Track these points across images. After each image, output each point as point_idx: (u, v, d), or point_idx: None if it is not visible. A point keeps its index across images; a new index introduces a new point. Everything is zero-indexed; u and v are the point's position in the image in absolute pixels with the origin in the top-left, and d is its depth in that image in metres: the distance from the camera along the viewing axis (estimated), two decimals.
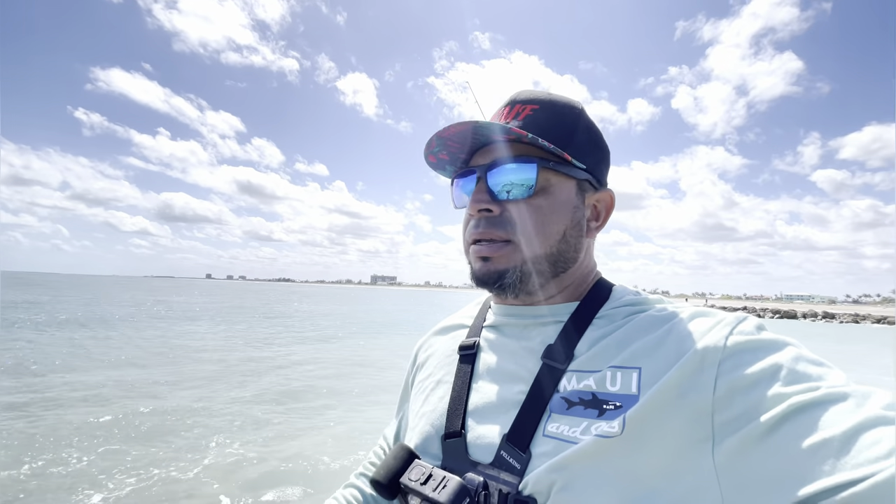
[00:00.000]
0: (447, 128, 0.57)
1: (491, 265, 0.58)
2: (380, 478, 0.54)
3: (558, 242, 0.58)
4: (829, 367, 0.45)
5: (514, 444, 0.51)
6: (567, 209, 0.59)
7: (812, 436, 0.39)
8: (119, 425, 5.67)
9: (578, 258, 0.61)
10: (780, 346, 0.46)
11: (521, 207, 0.57)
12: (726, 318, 0.50)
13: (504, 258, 0.58)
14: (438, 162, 0.65)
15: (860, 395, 0.41)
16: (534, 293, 0.61)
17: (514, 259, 0.58)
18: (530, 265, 0.58)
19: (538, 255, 0.58)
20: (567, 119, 0.60)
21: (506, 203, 0.58)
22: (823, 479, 0.36)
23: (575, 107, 0.61)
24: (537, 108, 0.60)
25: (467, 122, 0.55)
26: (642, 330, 0.53)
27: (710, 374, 0.45)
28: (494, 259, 0.58)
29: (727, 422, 0.43)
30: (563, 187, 0.59)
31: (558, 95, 0.62)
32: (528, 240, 0.57)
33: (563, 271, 0.60)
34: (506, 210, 0.58)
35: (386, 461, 0.56)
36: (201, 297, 46.96)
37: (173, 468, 4.44)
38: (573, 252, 0.60)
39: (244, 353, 11.81)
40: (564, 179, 0.59)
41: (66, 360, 9.72)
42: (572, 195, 0.59)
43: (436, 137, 0.59)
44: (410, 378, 0.77)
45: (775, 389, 0.42)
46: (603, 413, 0.48)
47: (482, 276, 0.59)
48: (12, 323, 15.92)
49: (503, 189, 0.58)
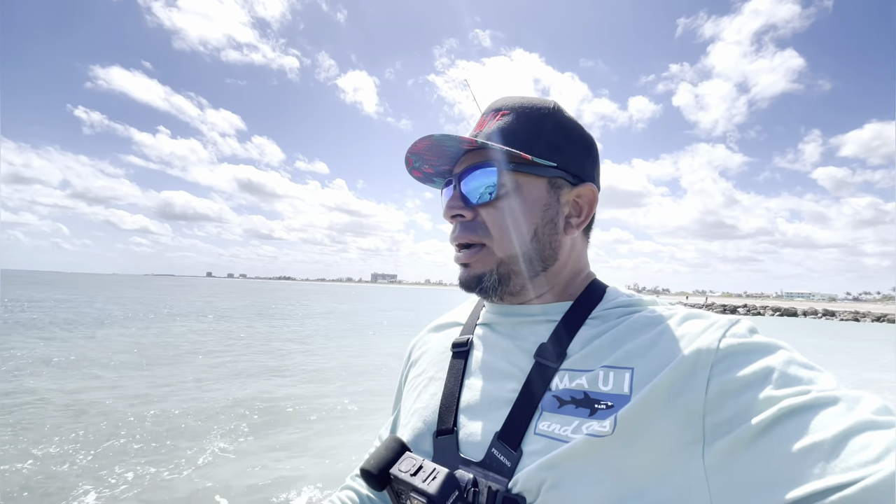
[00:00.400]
0: (414, 143, 0.61)
1: (470, 271, 0.62)
2: (370, 468, 0.54)
3: (530, 241, 0.59)
4: (819, 371, 0.45)
5: (505, 441, 0.51)
6: (537, 208, 0.60)
7: (802, 439, 0.39)
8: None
9: (558, 255, 0.61)
10: (772, 350, 0.46)
11: (490, 210, 0.60)
12: (719, 320, 0.51)
13: (480, 262, 0.61)
14: (425, 176, 0.69)
15: (850, 399, 0.41)
16: (517, 293, 0.62)
17: (488, 262, 0.60)
18: (505, 266, 0.60)
19: (511, 255, 0.59)
20: (534, 120, 0.61)
21: (477, 208, 0.61)
22: (813, 483, 0.37)
23: (545, 107, 0.62)
24: (507, 113, 0.62)
25: (429, 136, 0.59)
26: (636, 330, 0.53)
27: (703, 376, 0.45)
28: (472, 264, 0.61)
29: (718, 424, 0.43)
30: (532, 186, 0.60)
31: (532, 99, 0.63)
32: (499, 241, 0.59)
33: (544, 269, 0.61)
34: (478, 214, 0.61)
35: (377, 452, 0.56)
36: (241, 298, 46.33)
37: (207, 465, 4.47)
38: (549, 250, 0.61)
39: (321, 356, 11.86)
40: (533, 179, 0.60)
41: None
42: (542, 193, 0.60)
43: (408, 154, 0.63)
44: (404, 375, 0.77)
45: (766, 392, 0.42)
46: (594, 412, 0.48)
47: (464, 282, 0.63)
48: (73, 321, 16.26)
49: (473, 194, 0.61)
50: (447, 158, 0.64)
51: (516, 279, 0.60)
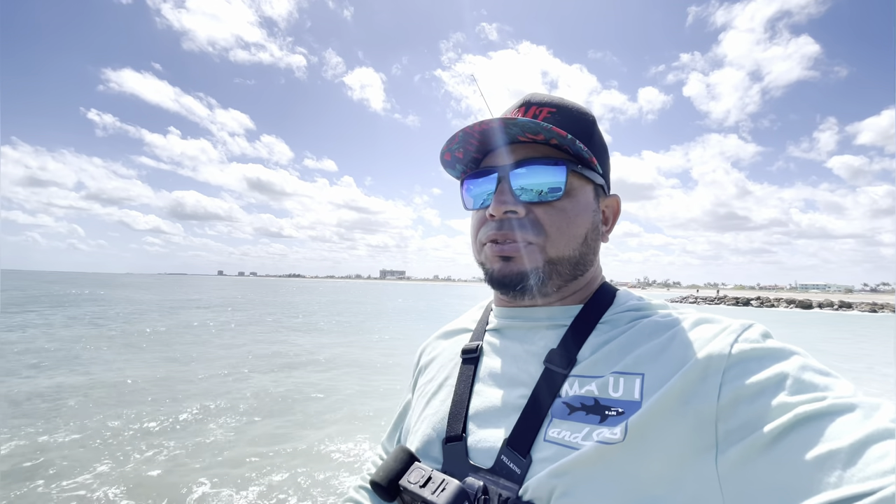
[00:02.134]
0: (477, 123, 0.55)
1: (513, 265, 0.57)
2: (379, 479, 0.54)
3: (580, 245, 0.59)
4: (835, 377, 0.44)
5: (514, 448, 0.51)
6: (588, 213, 0.60)
7: (818, 447, 0.38)
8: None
9: (595, 261, 0.63)
10: (786, 355, 0.45)
11: (548, 210, 0.57)
12: (731, 324, 0.50)
13: (525, 259, 0.57)
14: (452, 160, 0.63)
15: (868, 407, 0.40)
16: (549, 295, 0.60)
17: (536, 260, 0.57)
18: (552, 266, 0.57)
19: (562, 257, 0.58)
20: (585, 125, 0.61)
21: (530, 205, 0.57)
22: (829, 492, 0.36)
23: (588, 113, 0.63)
24: (554, 111, 0.60)
25: (497, 118, 0.54)
26: (646, 336, 0.52)
27: (715, 382, 0.44)
28: (517, 259, 0.57)
29: (731, 431, 0.42)
30: (585, 191, 0.60)
31: (571, 101, 0.63)
32: (554, 242, 0.57)
33: (581, 274, 0.61)
34: (531, 212, 0.57)
35: (386, 463, 0.56)
36: (299, 294, 47.79)
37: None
38: (592, 255, 0.61)
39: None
40: (586, 183, 0.60)
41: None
42: (591, 199, 0.61)
43: (462, 133, 0.57)
44: (413, 382, 0.77)
45: (780, 399, 0.41)
46: (605, 419, 0.48)
47: (503, 277, 0.58)
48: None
49: (529, 190, 0.57)
50: (485, 146, 0.60)
51: (558, 279, 0.59)
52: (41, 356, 9.45)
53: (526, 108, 0.61)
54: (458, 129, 0.57)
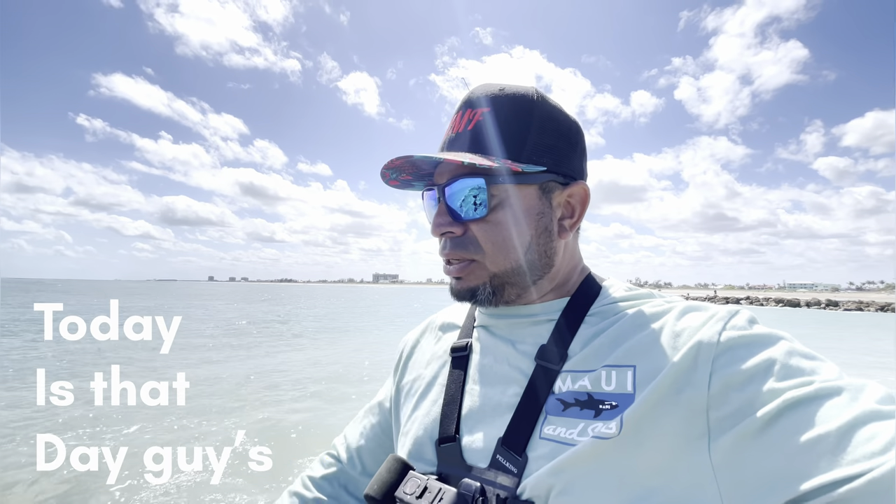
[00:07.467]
0: (389, 162, 0.57)
1: (463, 284, 0.59)
2: (373, 492, 0.53)
3: (525, 253, 0.57)
4: (822, 361, 0.45)
5: (509, 447, 0.50)
6: (530, 218, 0.57)
7: (808, 431, 0.39)
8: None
9: (554, 262, 0.59)
10: (773, 341, 0.46)
11: (482, 226, 0.56)
12: (719, 312, 0.50)
13: (472, 276, 0.58)
14: (402, 184, 0.64)
15: (854, 389, 0.40)
16: (513, 301, 0.60)
17: (481, 276, 0.58)
18: (499, 279, 0.57)
19: (506, 269, 0.57)
20: (520, 118, 0.55)
21: (468, 223, 0.57)
22: (821, 476, 0.36)
23: (526, 97, 0.56)
24: (487, 110, 0.56)
25: (404, 156, 0.55)
26: (635, 327, 0.52)
27: (705, 371, 0.45)
28: (464, 278, 0.58)
29: (722, 418, 0.43)
30: (523, 195, 0.56)
31: (512, 88, 0.57)
32: (492, 257, 0.56)
33: (540, 277, 0.59)
34: (468, 230, 0.57)
35: (379, 474, 0.55)
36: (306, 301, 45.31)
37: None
38: (545, 258, 0.58)
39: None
40: (523, 188, 0.56)
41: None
42: (535, 201, 0.57)
43: (384, 170, 0.59)
44: (395, 377, 0.74)
45: (769, 385, 0.42)
46: (599, 413, 0.48)
47: (457, 294, 0.60)
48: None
49: (461, 208, 0.57)
50: (427, 165, 0.60)
51: (511, 290, 0.58)
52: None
53: (463, 111, 0.58)
54: (382, 167, 0.58)
